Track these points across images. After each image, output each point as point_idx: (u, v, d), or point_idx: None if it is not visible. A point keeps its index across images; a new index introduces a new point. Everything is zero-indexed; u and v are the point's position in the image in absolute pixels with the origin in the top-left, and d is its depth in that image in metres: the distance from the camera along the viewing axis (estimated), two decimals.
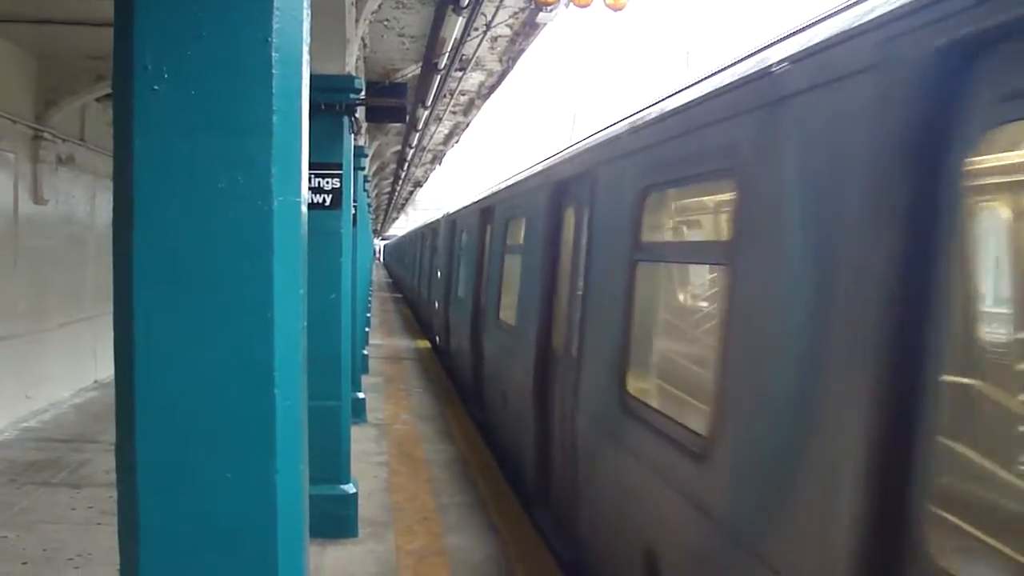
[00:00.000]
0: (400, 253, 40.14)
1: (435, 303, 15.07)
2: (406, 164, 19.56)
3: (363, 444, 7.93)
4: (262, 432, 1.66)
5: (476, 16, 7.21)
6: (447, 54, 8.22)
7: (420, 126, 12.77)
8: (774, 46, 3.00)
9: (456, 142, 17.94)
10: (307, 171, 1.79)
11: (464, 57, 8.91)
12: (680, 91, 3.96)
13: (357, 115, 6.58)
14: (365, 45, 8.76)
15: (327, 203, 5.57)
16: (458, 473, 7.35)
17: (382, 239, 64.97)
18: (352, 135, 6.36)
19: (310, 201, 1.92)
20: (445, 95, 11.26)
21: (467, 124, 15.40)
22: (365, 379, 10.99)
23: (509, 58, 10.27)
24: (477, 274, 9.85)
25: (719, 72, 3.51)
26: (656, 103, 4.27)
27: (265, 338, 1.65)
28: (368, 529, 5.74)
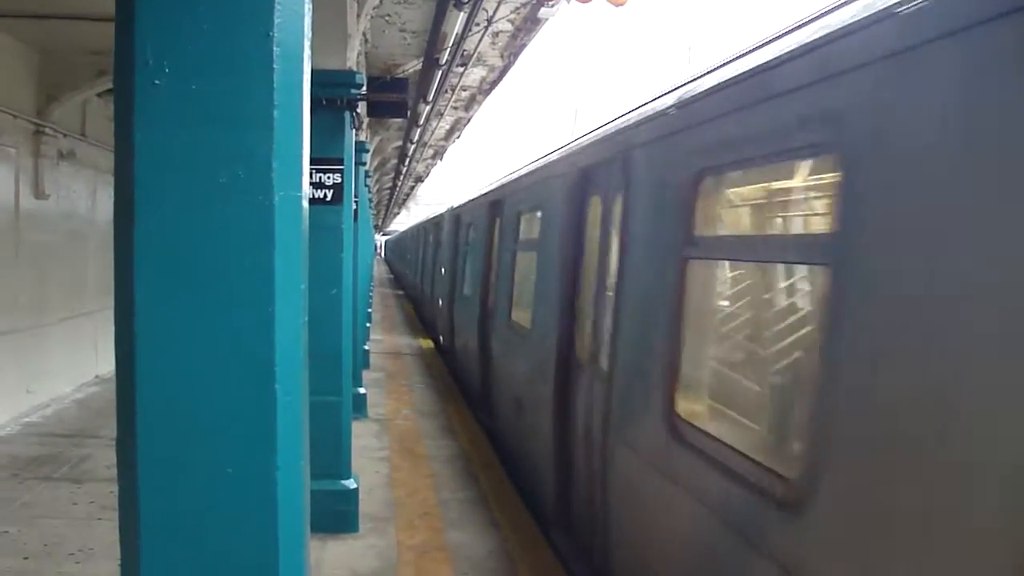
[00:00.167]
0: (402, 249, 39.73)
1: (439, 301, 14.65)
2: (407, 159, 19.52)
3: (364, 439, 7.94)
4: (263, 427, 1.66)
5: (477, 11, 7.17)
6: (448, 49, 8.19)
7: (421, 121, 12.74)
8: None
9: (457, 137, 17.90)
10: (308, 166, 1.78)
11: (465, 52, 8.88)
12: (736, 59, 3.38)
13: (358, 110, 6.57)
14: (366, 40, 8.74)
15: (328, 198, 5.57)
16: (460, 469, 7.35)
17: (383, 234, 65.01)
18: (353, 130, 6.36)
19: (311, 196, 1.92)
20: (446, 90, 11.23)
21: (468, 119, 15.37)
22: (366, 374, 10.99)
23: (511, 53, 10.24)
24: (485, 271, 9.43)
25: (786, 34, 2.90)
26: (708, 73, 3.71)
27: (266, 333, 1.65)
28: (369, 524, 5.75)
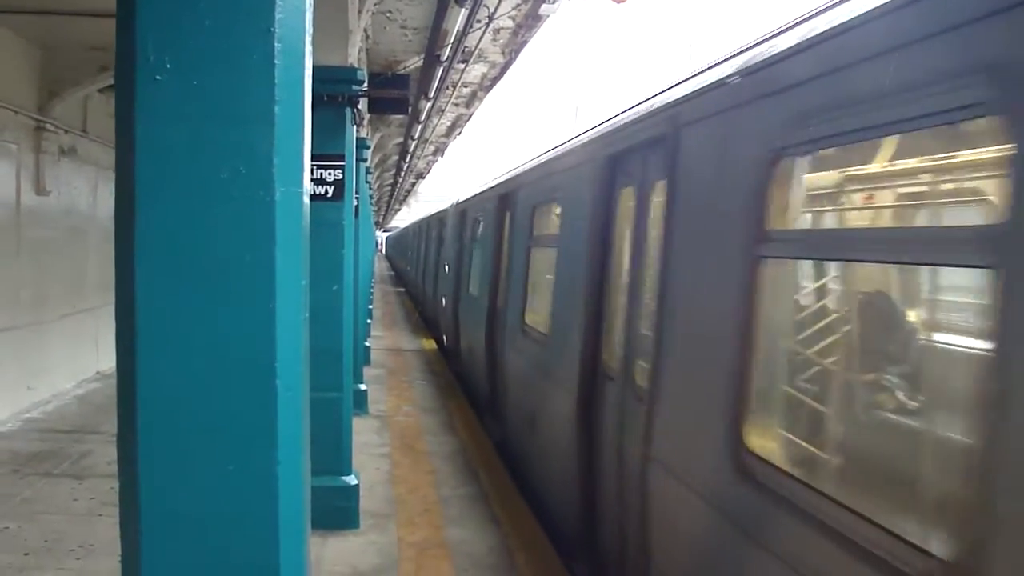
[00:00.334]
0: (403, 245, 39.36)
1: (442, 300, 14.10)
2: (408, 156, 19.54)
3: (365, 436, 7.95)
4: (264, 423, 1.66)
5: (478, 8, 7.17)
6: (449, 46, 8.19)
7: (422, 118, 12.74)
8: None
9: (458, 134, 17.92)
10: (309, 162, 1.78)
11: (466, 49, 8.87)
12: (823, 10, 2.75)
13: (359, 107, 6.57)
14: (367, 37, 8.74)
15: (329, 195, 5.58)
16: (460, 465, 7.36)
17: (384, 231, 65.02)
18: (354, 127, 6.36)
19: (312, 192, 1.91)
20: (447, 87, 11.23)
21: (469, 116, 15.38)
22: (367, 371, 11.00)
23: (512, 50, 10.24)
24: (494, 270, 8.82)
25: None
26: (779, 32, 3.04)
27: (267, 329, 1.65)
28: (370, 521, 5.76)
